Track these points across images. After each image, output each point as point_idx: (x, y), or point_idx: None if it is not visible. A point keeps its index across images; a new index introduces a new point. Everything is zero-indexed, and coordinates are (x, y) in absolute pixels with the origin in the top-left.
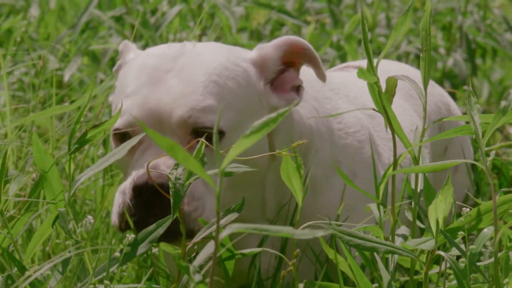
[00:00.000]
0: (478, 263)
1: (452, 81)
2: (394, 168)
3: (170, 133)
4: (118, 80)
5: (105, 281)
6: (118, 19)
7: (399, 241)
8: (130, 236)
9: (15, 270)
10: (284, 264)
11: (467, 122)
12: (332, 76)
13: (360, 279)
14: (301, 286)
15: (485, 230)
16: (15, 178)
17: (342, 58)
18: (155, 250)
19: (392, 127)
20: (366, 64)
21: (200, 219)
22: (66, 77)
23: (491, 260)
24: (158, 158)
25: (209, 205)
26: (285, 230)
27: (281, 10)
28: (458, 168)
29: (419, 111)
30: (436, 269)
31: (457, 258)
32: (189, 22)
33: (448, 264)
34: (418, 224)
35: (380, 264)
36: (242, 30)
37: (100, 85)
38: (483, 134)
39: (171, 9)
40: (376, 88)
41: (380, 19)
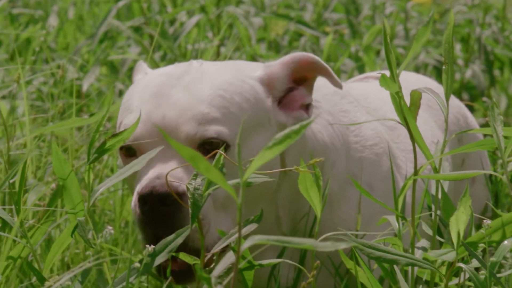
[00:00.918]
0: (498, 275)
1: (470, 93)
2: (414, 179)
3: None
4: (123, 99)
5: None
6: (136, 29)
7: (418, 254)
8: (150, 247)
9: (34, 279)
10: (302, 276)
11: (485, 135)
12: (352, 88)
13: None
14: None
15: (505, 242)
16: (34, 188)
17: (361, 69)
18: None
19: (413, 138)
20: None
21: (219, 231)
22: (85, 87)
23: (511, 271)
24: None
25: (215, 223)
26: (307, 242)
27: (300, 21)
28: (476, 180)
29: (439, 122)
30: (455, 281)
31: (476, 270)
32: (208, 33)
33: (467, 276)
34: (437, 237)
35: (399, 277)
36: (260, 40)
37: (119, 95)
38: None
39: (189, 19)
40: (398, 98)
41: (398, 30)
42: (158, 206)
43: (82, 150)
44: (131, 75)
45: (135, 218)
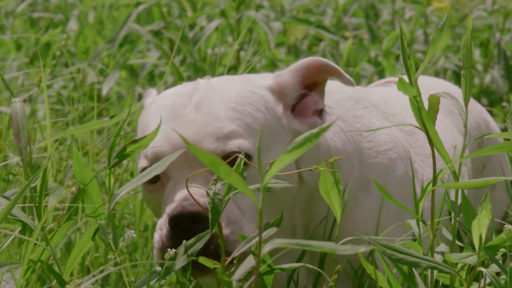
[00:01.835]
0: None
1: (489, 98)
2: (434, 184)
3: (197, 165)
4: (138, 125)
5: None
6: (156, 34)
7: (437, 258)
8: (172, 250)
9: (53, 283)
10: (322, 280)
11: (506, 140)
12: (373, 93)
13: None
14: None
15: None
16: (54, 191)
17: (380, 74)
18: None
19: (432, 143)
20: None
21: (239, 234)
22: (104, 91)
23: None
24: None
25: (247, 227)
26: (327, 246)
27: (319, 26)
28: (496, 186)
29: (459, 126)
30: (475, 286)
31: (496, 275)
32: (227, 37)
33: (487, 281)
34: (457, 242)
35: (419, 280)
36: (280, 45)
37: (138, 99)
38: None
39: (209, 23)
40: (416, 102)
41: (418, 35)
42: (190, 225)
43: (102, 154)
44: (150, 79)
45: (157, 243)
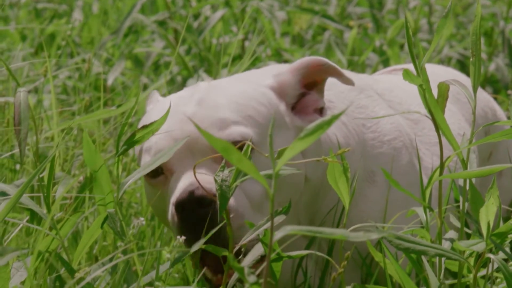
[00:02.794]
0: None
1: (494, 86)
2: (441, 171)
3: (201, 156)
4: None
5: (156, 283)
6: (161, 24)
7: (446, 245)
8: (181, 238)
9: (62, 271)
10: (330, 268)
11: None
12: (379, 81)
13: (407, 282)
14: None
15: None
16: (62, 180)
17: (385, 63)
18: None
19: (438, 130)
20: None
21: (247, 222)
22: (110, 81)
23: None
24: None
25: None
26: (338, 232)
27: (324, 15)
28: (502, 173)
29: (466, 115)
30: (483, 272)
31: (505, 261)
32: (232, 27)
33: (494, 268)
34: (465, 229)
35: (427, 268)
36: (284, 34)
37: (143, 89)
38: None
39: (214, 13)
40: (423, 90)
41: (422, 24)
42: (196, 209)
43: (109, 143)
44: (155, 69)
45: (173, 230)
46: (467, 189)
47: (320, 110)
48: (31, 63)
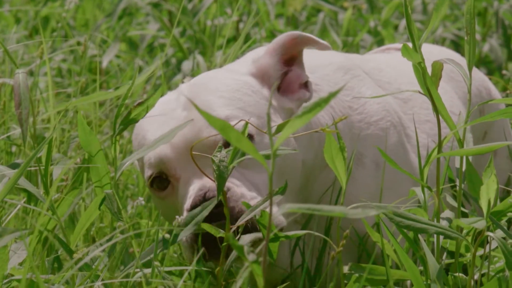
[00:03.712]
0: None
1: (488, 67)
2: (439, 150)
3: (202, 159)
4: (134, 141)
5: (155, 262)
6: (155, 5)
7: (443, 224)
8: (180, 218)
9: (60, 251)
10: (328, 247)
11: (507, 106)
12: (369, 60)
13: (405, 261)
14: (346, 269)
15: None
16: (58, 162)
17: (380, 44)
18: None
19: (436, 109)
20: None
21: (244, 203)
22: (104, 63)
23: None
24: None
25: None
26: (337, 210)
27: None
28: (497, 153)
29: (459, 93)
30: (481, 251)
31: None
32: (227, 8)
33: (493, 247)
34: (462, 208)
35: (425, 246)
36: (279, 16)
37: (138, 71)
38: None
39: None
40: (420, 68)
41: (416, 5)
42: (211, 210)
43: (105, 125)
44: (150, 51)
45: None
46: (464, 168)
47: (305, 85)
48: (25, 46)
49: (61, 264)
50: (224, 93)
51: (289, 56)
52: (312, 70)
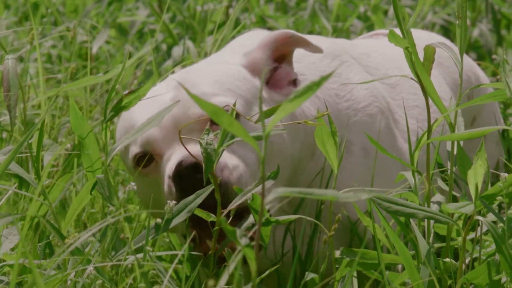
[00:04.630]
0: None
1: (478, 52)
2: (429, 135)
3: (189, 134)
4: (119, 126)
5: (147, 247)
6: None
7: (434, 209)
8: (172, 202)
9: (51, 237)
10: (319, 232)
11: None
12: (356, 45)
13: (397, 244)
14: (337, 253)
15: None
16: (49, 148)
17: (369, 29)
18: None
19: (426, 93)
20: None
21: (236, 188)
22: (94, 49)
23: None
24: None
25: (245, 174)
26: (329, 194)
27: None
28: (487, 139)
29: (448, 78)
30: (472, 235)
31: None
32: None
33: (483, 231)
34: (453, 192)
35: (416, 231)
36: (268, 1)
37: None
38: None
39: None
40: (409, 53)
41: None
42: (192, 175)
43: (95, 110)
44: (140, 37)
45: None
46: (455, 152)
47: (294, 82)
48: (15, 32)
49: (53, 249)
50: (215, 76)
51: (280, 54)
52: (298, 60)
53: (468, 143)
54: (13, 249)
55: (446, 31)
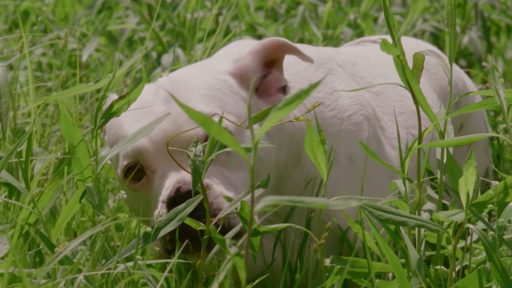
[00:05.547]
0: (505, 237)
1: (467, 59)
2: (420, 141)
3: (179, 153)
4: (108, 132)
5: (137, 256)
6: None
7: (424, 217)
8: (162, 210)
9: (41, 246)
10: (309, 240)
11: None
12: (342, 53)
13: (387, 252)
14: (327, 262)
15: (511, 204)
16: (39, 156)
17: (359, 36)
18: None
19: (416, 101)
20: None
21: (225, 196)
22: (84, 57)
23: None
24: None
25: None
26: (319, 201)
27: None
28: (475, 145)
29: (434, 85)
30: (462, 243)
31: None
32: (206, 1)
33: (474, 239)
34: (443, 200)
35: (406, 239)
36: (258, 9)
37: (119, 65)
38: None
39: None
40: (400, 61)
41: None
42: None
43: (85, 119)
44: (129, 45)
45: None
46: (445, 160)
47: (284, 89)
48: (5, 40)
49: (43, 258)
50: (205, 91)
51: (270, 59)
52: (284, 68)
53: (456, 150)
54: (3, 258)
55: (436, 38)
